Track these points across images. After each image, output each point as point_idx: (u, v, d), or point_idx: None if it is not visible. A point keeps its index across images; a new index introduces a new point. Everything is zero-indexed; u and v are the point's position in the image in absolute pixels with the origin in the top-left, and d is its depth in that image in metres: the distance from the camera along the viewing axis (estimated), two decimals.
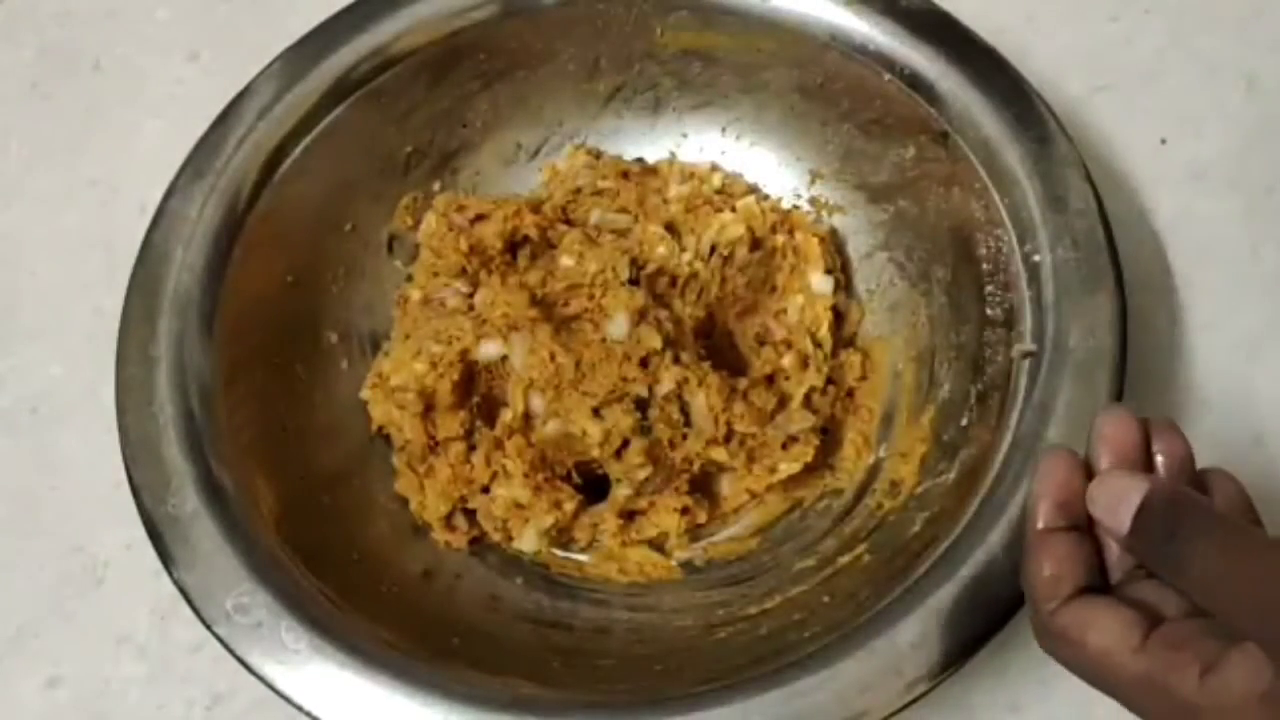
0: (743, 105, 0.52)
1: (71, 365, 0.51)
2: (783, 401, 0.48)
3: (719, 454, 0.46)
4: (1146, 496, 0.32)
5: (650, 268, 0.48)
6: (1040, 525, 0.34)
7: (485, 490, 0.47)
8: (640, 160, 0.54)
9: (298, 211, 0.48)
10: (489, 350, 0.46)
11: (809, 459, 0.47)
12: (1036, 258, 0.44)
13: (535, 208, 0.51)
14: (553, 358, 0.45)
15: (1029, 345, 0.42)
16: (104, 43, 0.60)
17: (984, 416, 0.43)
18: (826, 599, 0.42)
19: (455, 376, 0.46)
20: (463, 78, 0.51)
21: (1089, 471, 0.34)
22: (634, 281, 0.47)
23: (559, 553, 0.47)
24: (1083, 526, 0.34)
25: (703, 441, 0.46)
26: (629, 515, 0.47)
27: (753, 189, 0.52)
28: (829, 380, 0.49)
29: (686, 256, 0.49)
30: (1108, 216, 0.44)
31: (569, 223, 0.52)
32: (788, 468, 0.47)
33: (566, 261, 0.49)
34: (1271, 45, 0.55)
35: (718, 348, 0.49)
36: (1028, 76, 0.47)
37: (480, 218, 0.50)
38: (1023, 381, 0.42)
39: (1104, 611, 0.32)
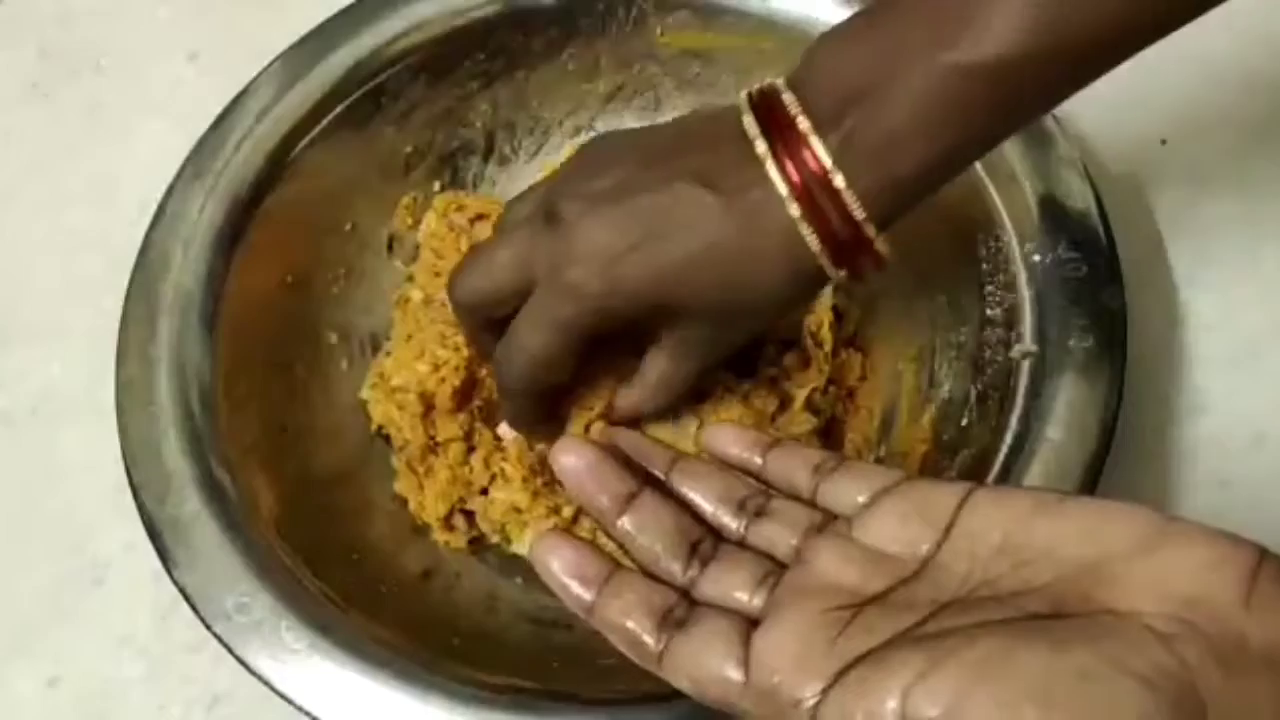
0: None
1: (71, 365, 0.51)
2: (784, 403, 0.48)
3: None
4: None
5: None
6: (587, 599, 0.30)
7: (484, 492, 0.47)
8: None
9: (298, 211, 0.48)
10: None
11: None
12: (1036, 258, 0.44)
13: None
14: None
15: (1029, 345, 0.42)
16: (104, 43, 0.60)
17: (984, 416, 0.43)
18: None
19: (457, 382, 0.46)
20: (463, 78, 0.51)
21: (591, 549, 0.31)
22: None
23: None
24: (619, 567, 0.30)
25: (693, 440, 0.46)
26: None
27: None
28: (829, 380, 0.49)
29: None
30: (1108, 216, 0.44)
31: None
32: None
33: None
34: (1271, 45, 0.55)
35: None
36: None
37: (480, 218, 0.50)
38: (1023, 381, 0.42)
39: (694, 646, 0.28)
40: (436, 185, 0.52)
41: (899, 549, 0.28)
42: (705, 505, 0.32)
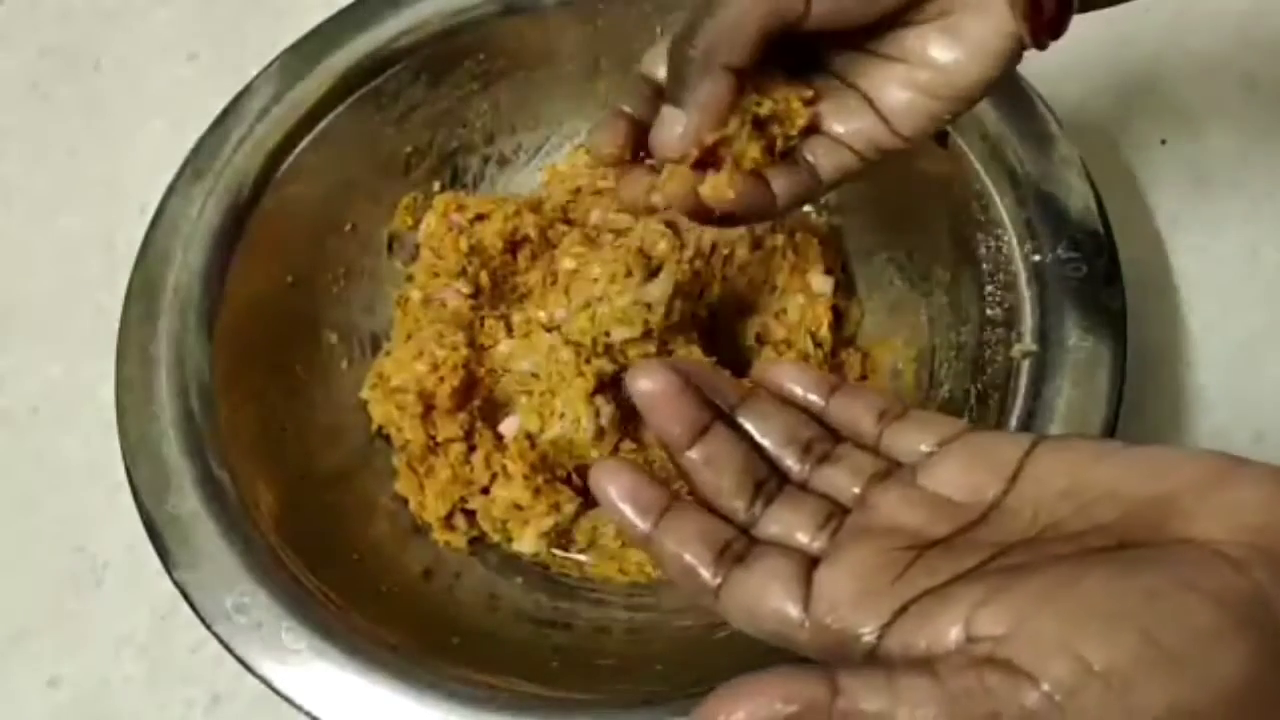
0: None
1: (71, 365, 0.51)
2: None
3: None
4: None
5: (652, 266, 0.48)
6: (644, 528, 0.29)
7: (485, 491, 0.47)
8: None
9: (298, 211, 0.48)
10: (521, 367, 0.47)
11: None
12: (1036, 258, 0.44)
13: (535, 208, 0.51)
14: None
15: (1029, 345, 0.42)
16: (104, 43, 0.60)
17: (984, 416, 0.43)
18: None
19: (456, 382, 0.46)
20: (463, 78, 0.51)
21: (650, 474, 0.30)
22: (654, 274, 0.47)
23: (559, 553, 0.47)
24: (683, 497, 0.30)
25: None
26: None
27: None
28: None
29: (687, 254, 0.49)
30: (1108, 216, 0.44)
31: (569, 223, 0.52)
32: None
33: (567, 265, 0.49)
34: (1271, 45, 0.55)
35: (718, 348, 0.49)
36: (1028, 77, 0.47)
37: (480, 218, 0.50)
38: (1023, 381, 0.42)
39: (755, 582, 0.28)
40: (436, 185, 0.52)
41: (963, 496, 0.28)
42: (770, 445, 0.31)
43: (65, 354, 0.51)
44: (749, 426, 0.31)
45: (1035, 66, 0.49)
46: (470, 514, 0.47)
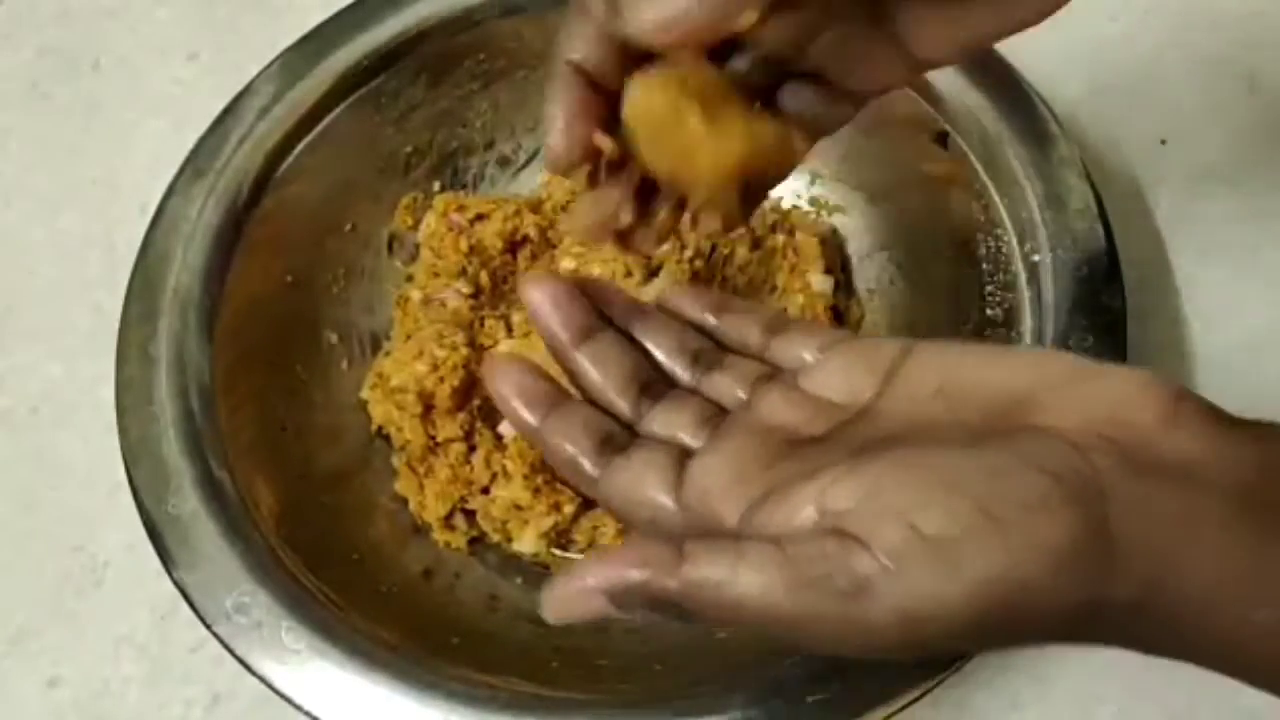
0: None
1: (71, 365, 0.51)
2: None
3: None
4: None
5: (652, 266, 0.48)
6: (532, 422, 0.29)
7: (485, 491, 0.47)
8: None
9: (298, 211, 0.48)
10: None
11: None
12: (1036, 258, 0.44)
13: (535, 208, 0.51)
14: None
15: (1029, 345, 0.42)
16: (104, 43, 0.60)
17: None
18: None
19: (456, 382, 0.46)
20: (463, 78, 0.51)
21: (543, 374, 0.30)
22: (653, 274, 0.47)
23: (559, 553, 0.47)
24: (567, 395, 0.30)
25: None
26: None
27: None
28: None
29: (687, 254, 0.49)
30: (1108, 216, 0.44)
31: None
32: None
33: (567, 264, 0.49)
34: (1271, 45, 0.55)
35: None
36: (1027, 76, 0.47)
37: (480, 218, 0.50)
38: None
39: (632, 471, 0.28)
40: (436, 185, 0.52)
41: (841, 397, 0.29)
42: (660, 354, 0.32)
43: (65, 354, 0.51)
44: (641, 337, 0.32)
45: (1035, 65, 0.49)
46: (470, 514, 0.47)
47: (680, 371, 0.31)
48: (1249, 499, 0.24)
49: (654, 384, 0.31)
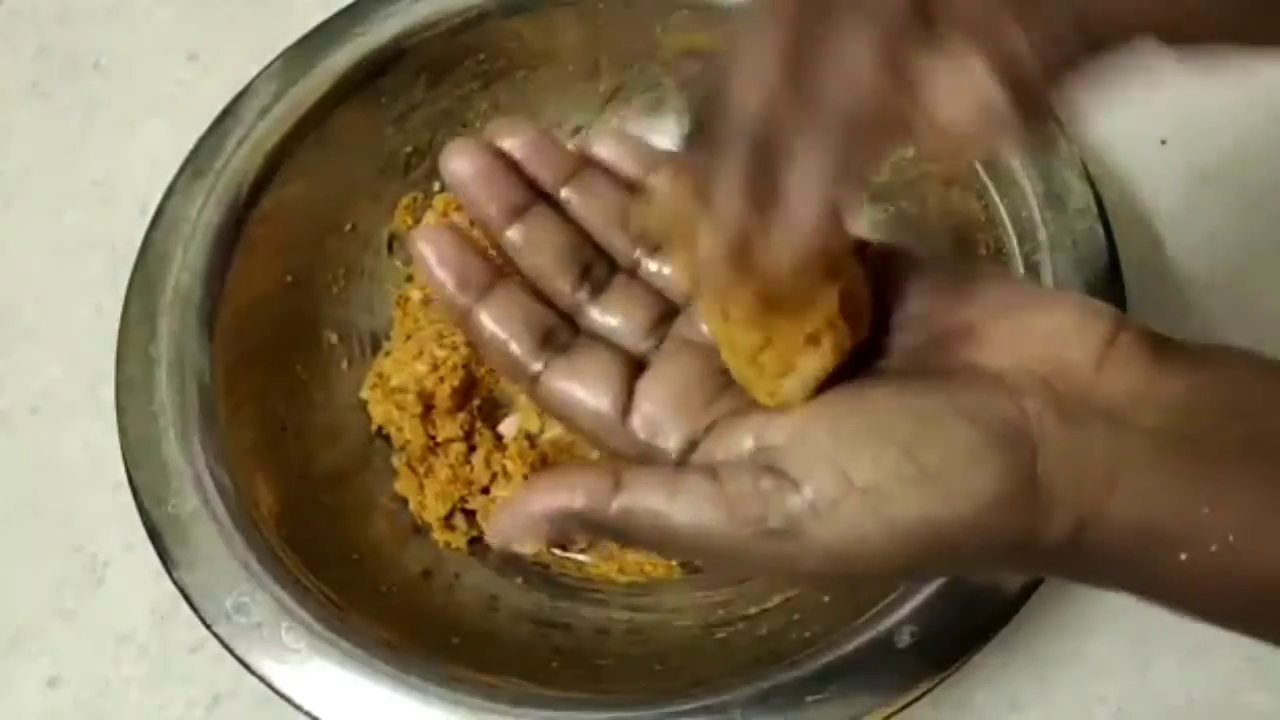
0: None
1: (71, 365, 0.51)
2: None
3: None
4: None
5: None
6: (463, 301, 0.28)
7: (485, 491, 0.47)
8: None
9: (298, 211, 0.48)
10: None
11: None
12: (1036, 258, 0.44)
13: None
14: None
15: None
16: (104, 43, 0.60)
17: None
18: (826, 598, 0.42)
19: (456, 382, 0.46)
20: (463, 78, 0.51)
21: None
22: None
23: (559, 553, 0.47)
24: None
25: None
26: None
27: None
28: None
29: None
30: (1108, 216, 0.44)
31: None
32: None
33: None
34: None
35: None
36: None
37: None
38: None
39: (576, 377, 0.27)
40: (436, 185, 0.52)
41: None
42: (598, 225, 0.30)
43: (65, 354, 0.51)
44: (575, 203, 0.30)
45: None
46: (470, 514, 0.47)
47: (620, 246, 0.30)
48: (1175, 440, 0.24)
49: (594, 266, 0.29)
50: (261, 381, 0.46)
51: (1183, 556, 0.24)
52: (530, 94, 0.53)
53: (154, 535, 0.40)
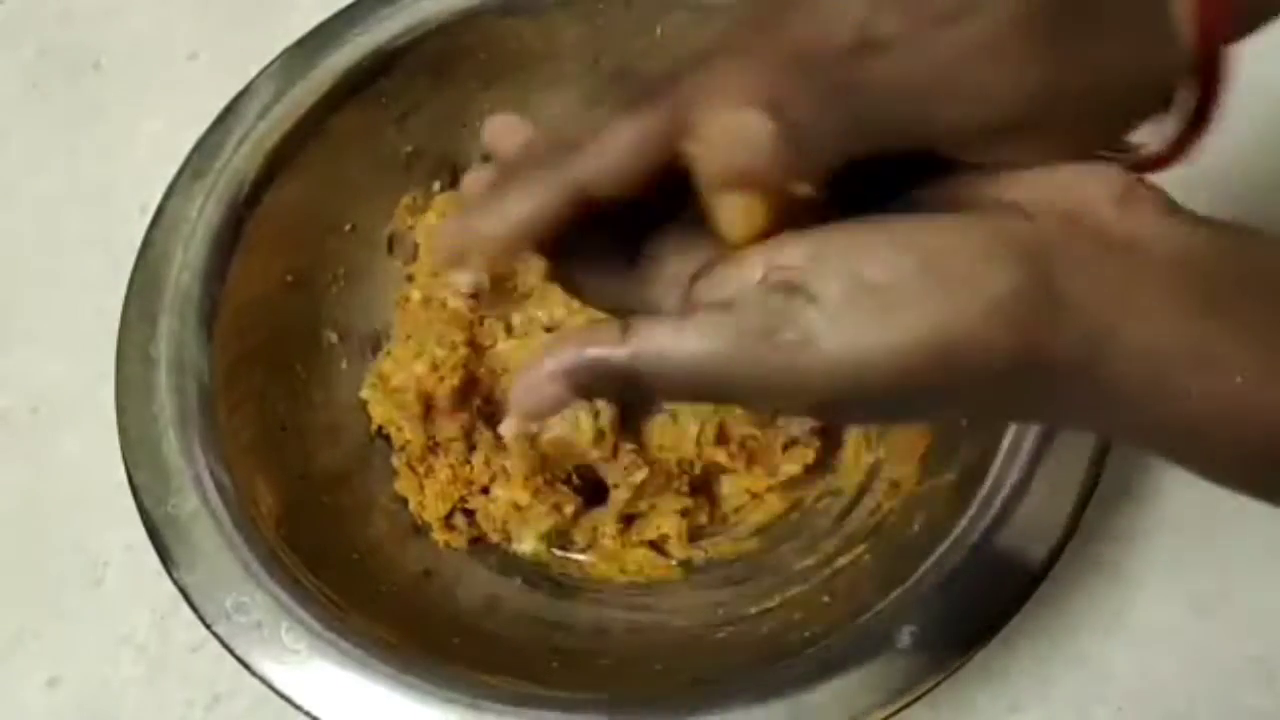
0: None
1: (71, 365, 0.51)
2: None
3: (719, 456, 0.46)
4: None
5: None
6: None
7: (485, 491, 0.47)
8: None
9: (298, 211, 0.48)
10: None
11: (810, 461, 0.47)
12: None
13: None
14: None
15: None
16: (104, 43, 0.60)
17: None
18: (826, 599, 0.42)
19: (456, 382, 0.46)
20: (463, 78, 0.51)
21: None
22: None
23: (559, 553, 0.47)
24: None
25: (693, 441, 0.46)
26: (629, 519, 0.47)
27: None
28: None
29: None
30: None
31: None
32: (788, 469, 0.47)
33: None
34: (1271, 46, 0.55)
35: None
36: None
37: None
38: None
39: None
40: (436, 185, 0.52)
41: None
42: None
43: (65, 354, 0.51)
44: None
45: None
46: (470, 514, 0.47)
47: None
48: (1191, 275, 0.24)
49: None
50: (261, 381, 0.46)
51: (1192, 391, 0.24)
52: (530, 94, 0.53)
53: (154, 535, 0.40)
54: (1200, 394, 0.24)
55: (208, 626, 0.38)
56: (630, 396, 0.26)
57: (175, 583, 0.39)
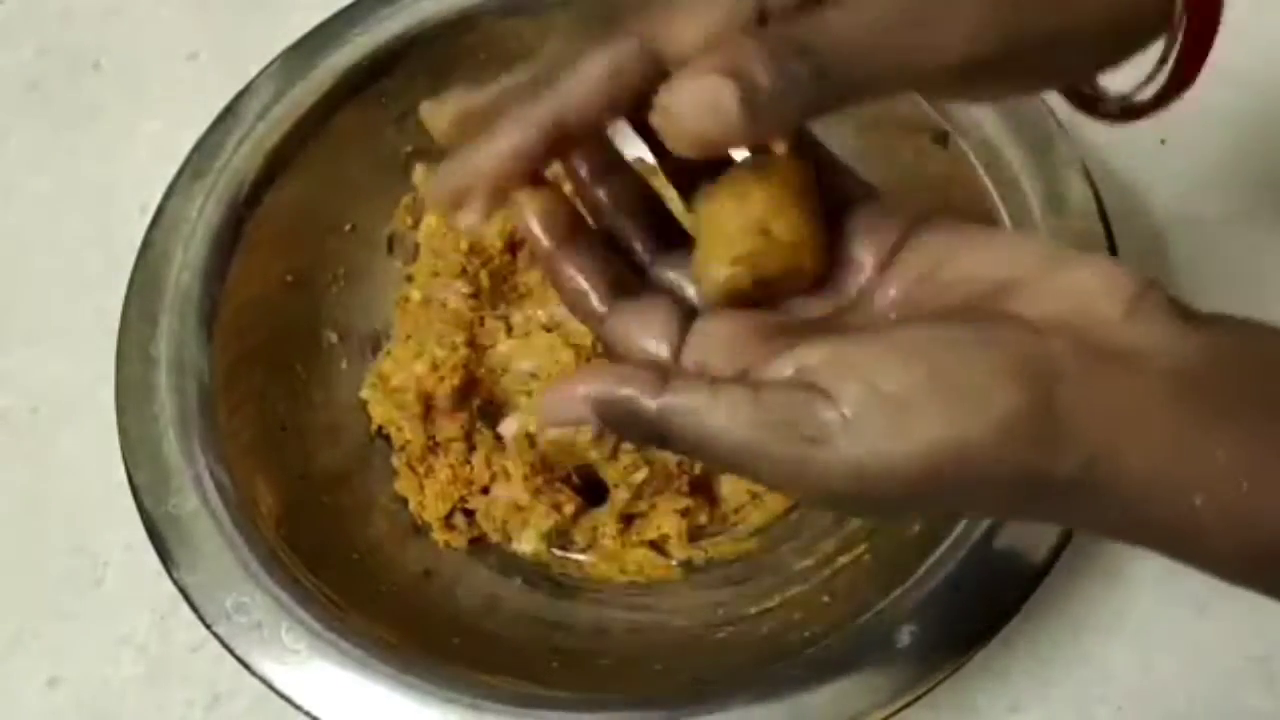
0: None
1: (71, 365, 0.51)
2: None
3: None
4: None
5: None
6: (547, 245, 0.29)
7: (485, 491, 0.47)
8: (640, 160, 0.53)
9: (298, 211, 0.48)
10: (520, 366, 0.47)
11: None
12: None
13: None
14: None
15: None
16: (104, 43, 0.60)
17: None
18: (826, 599, 0.42)
19: (456, 382, 0.46)
20: (463, 78, 0.51)
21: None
22: None
23: (559, 553, 0.47)
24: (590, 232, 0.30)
25: None
26: (629, 519, 0.47)
27: None
28: None
29: None
30: (1108, 216, 0.44)
31: None
32: None
33: None
34: (1271, 45, 0.55)
35: None
36: None
37: None
38: None
39: (637, 319, 0.29)
40: None
41: (843, 275, 0.29)
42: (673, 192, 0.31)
43: (65, 354, 0.51)
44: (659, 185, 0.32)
45: None
46: (470, 514, 0.47)
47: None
48: (1193, 386, 0.25)
49: (666, 228, 0.31)
50: (261, 381, 0.46)
51: (1197, 501, 0.24)
52: None
53: (154, 535, 0.40)
54: (1205, 504, 0.24)
55: (208, 626, 0.38)
56: (650, 444, 0.27)
57: (175, 583, 0.39)
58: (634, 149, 0.31)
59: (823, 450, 0.25)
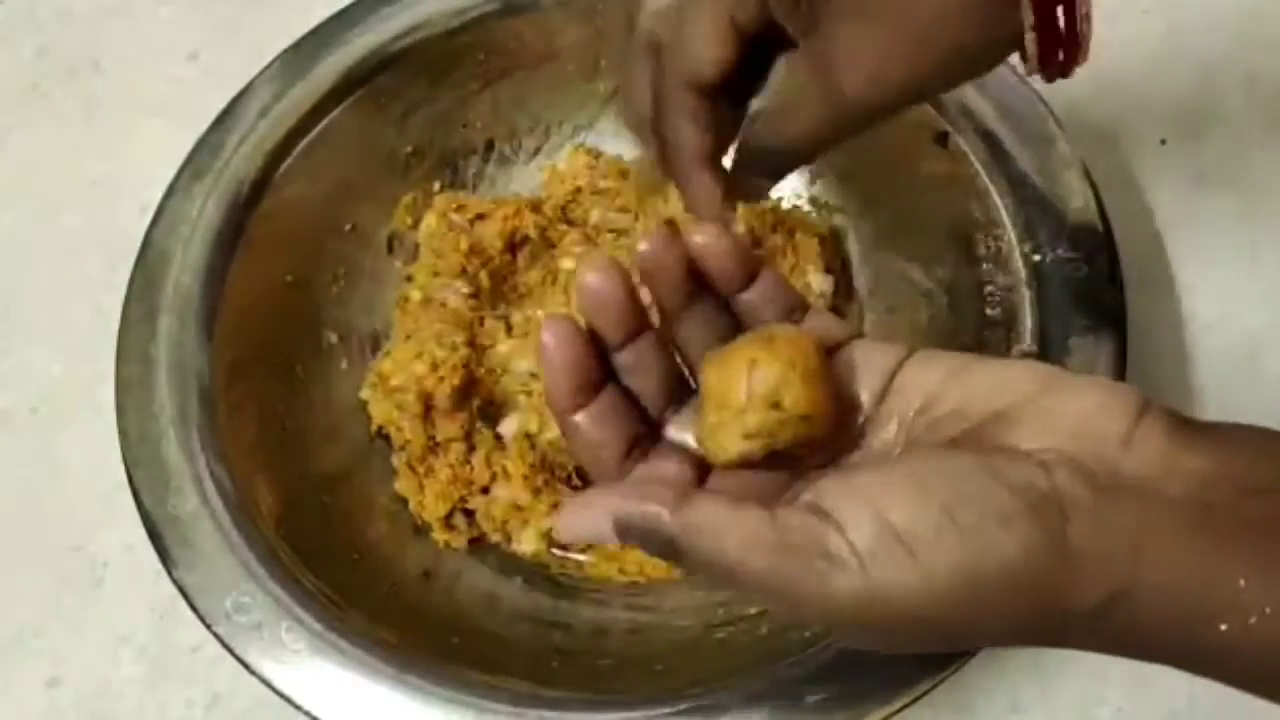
0: None
1: (71, 365, 0.51)
2: None
3: None
4: None
5: None
6: (568, 404, 0.30)
7: (485, 491, 0.47)
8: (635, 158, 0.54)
9: (298, 211, 0.48)
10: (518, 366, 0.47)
11: None
12: (1036, 258, 0.44)
13: (535, 207, 0.51)
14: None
15: (1029, 345, 0.42)
16: (104, 43, 0.60)
17: None
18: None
19: (456, 381, 0.46)
20: (463, 78, 0.51)
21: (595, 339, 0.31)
22: None
23: (558, 553, 0.47)
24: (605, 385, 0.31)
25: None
26: None
27: None
28: None
29: None
30: (1108, 216, 0.44)
31: (569, 223, 0.52)
32: None
33: (567, 264, 0.49)
34: (1271, 45, 0.55)
35: None
36: (1028, 78, 0.47)
37: (480, 217, 0.50)
38: None
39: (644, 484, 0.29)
40: (436, 185, 0.52)
41: (842, 411, 0.30)
42: (694, 354, 0.32)
43: (65, 354, 0.51)
44: (678, 336, 0.32)
45: None
46: (470, 514, 0.47)
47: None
48: (1201, 512, 0.25)
49: (682, 389, 0.32)
50: (261, 381, 0.46)
51: (1223, 628, 0.24)
52: (530, 94, 0.53)
53: (154, 535, 0.40)
54: (1230, 627, 0.24)
55: (208, 626, 0.38)
56: (667, 558, 0.27)
57: (175, 583, 0.39)
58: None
59: (833, 578, 0.25)
